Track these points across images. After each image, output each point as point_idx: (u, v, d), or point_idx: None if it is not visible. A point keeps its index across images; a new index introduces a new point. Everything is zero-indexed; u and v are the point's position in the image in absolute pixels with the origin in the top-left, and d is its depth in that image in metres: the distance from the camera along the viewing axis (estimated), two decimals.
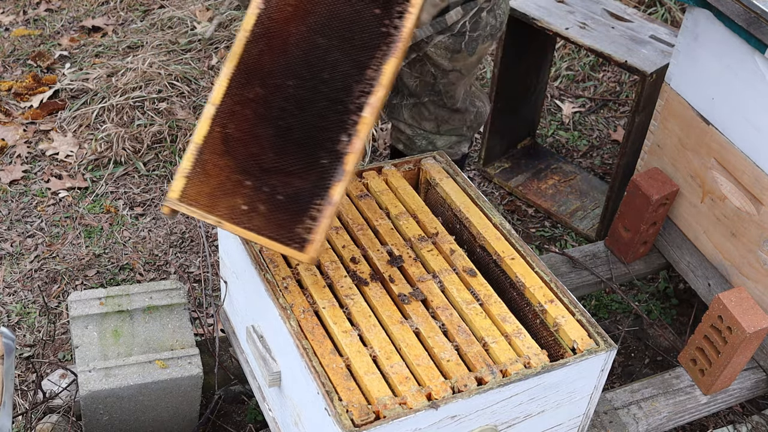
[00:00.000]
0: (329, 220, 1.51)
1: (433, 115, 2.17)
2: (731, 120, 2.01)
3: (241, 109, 1.60)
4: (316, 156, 1.54)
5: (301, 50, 1.59)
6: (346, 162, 1.52)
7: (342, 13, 1.57)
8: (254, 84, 1.60)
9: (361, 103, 1.53)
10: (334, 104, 1.55)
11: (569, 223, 2.86)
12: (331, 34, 1.57)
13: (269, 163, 1.58)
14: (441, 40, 1.97)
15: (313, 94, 1.57)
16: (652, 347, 2.48)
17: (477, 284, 1.67)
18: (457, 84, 2.11)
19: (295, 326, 1.54)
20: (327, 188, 1.52)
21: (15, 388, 2.22)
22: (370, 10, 1.55)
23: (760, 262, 2.02)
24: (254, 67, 1.60)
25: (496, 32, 2.05)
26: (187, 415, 1.95)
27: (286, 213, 1.56)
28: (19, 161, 2.98)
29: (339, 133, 1.53)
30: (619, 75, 3.57)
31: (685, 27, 2.08)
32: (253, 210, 1.58)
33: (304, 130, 1.57)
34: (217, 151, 1.60)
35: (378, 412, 1.41)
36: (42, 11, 3.78)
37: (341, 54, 1.57)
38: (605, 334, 1.59)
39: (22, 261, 2.62)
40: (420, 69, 2.07)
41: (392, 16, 1.54)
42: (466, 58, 2.03)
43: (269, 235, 1.56)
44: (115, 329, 1.92)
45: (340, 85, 1.55)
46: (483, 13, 1.98)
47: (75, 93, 3.27)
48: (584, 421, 1.72)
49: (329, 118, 1.55)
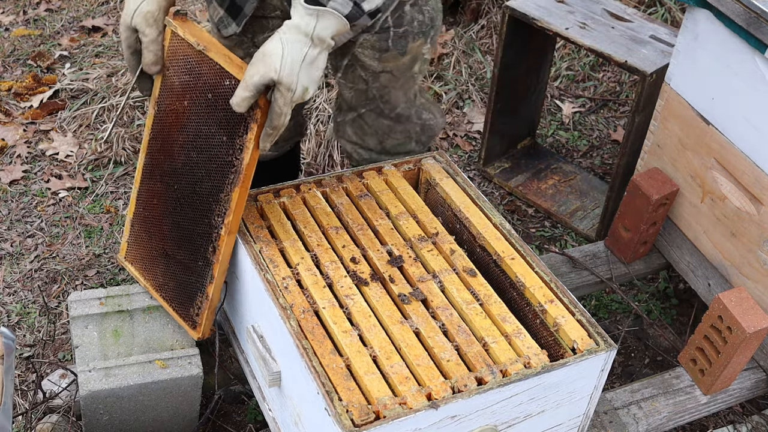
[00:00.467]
0: (209, 310, 1.80)
1: (373, 128, 2.00)
2: (731, 120, 2.01)
3: (151, 197, 1.82)
4: (196, 256, 1.76)
5: (181, 159, 1.73)
6: (214, 269, 1.74)
7: (204, 134, 1.68)
8: (156, 178, 1.80)
9: (219, 222, 1.69)
10: (203, 216, 1.73)
11: (569, 223, 2.86)
12: (200, 152, 1.70)
13: (170, 249, 1.81)
14: (366, 39, 1.81)
15: (191, 202, 1.74)
16: (652, 347, 2.48)
17: (477, 284, 1.67)
18: (390, 87, 1.93)
19: (295, 326, 1.54)
20: (204, 287, 1.77)
21: (15, 388, 2.22)
22: (220, 137, 1.64)
23: (760, 262, 2.02)
24: (155, 163, 1.79)
25: (427, 29, 1.88)
26: (187, 415, 1.95)
27: (183, 295, 1.83)
28: (19, 161, 2.98)
29: (207, 243, 1.73)
30: (619, 75, 3.57)
31: (685, 27, 2.08)
32: (165, 283, 1.86)
33: (188, 231, 1.76)
34: (143, 228, 1.86)
35: (378, 412, 1.41)
36: (42, 11, 3.78)
37: (205, 173, 1.70)
38: (605, 334, 1.59)
39: (22, 261, 2.62)
40: (352, 76, 1.91)
41: (235, 148, 1.62)
42: (397, 58, 1.87)
43: (176, 309, 1.86)
44: (115, 329, 1.92)
45: (205, 201, 1.71)
46: (406, 7, 1.82)
47: (75, 93, 3.27)
48: (584, 421, 1.72)
49: (202, 227, 1.73)
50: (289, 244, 1.71)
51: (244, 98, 1.51)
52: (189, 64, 1.66)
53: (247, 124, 1.59)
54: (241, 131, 1.60)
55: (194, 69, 1.65)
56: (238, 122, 1.60)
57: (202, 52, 1.62)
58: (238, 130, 1.61)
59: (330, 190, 1.86)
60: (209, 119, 1.65)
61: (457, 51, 3.58)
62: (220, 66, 1.60)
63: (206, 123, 1.66)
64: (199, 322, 1.82)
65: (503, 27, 2.70)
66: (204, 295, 1.78)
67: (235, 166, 1.63)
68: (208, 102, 1.65)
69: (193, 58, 1.65)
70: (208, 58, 1.62)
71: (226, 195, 1.66)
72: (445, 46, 3.62)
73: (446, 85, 3.43)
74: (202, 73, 1.64)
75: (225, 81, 1.60)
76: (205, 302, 1.78)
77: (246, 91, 1.50)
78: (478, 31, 3.72)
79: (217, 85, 1.62)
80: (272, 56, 1.49)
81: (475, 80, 3.46)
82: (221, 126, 1.63)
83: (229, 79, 1.59)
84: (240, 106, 1.52)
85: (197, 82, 1.66)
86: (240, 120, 1.60)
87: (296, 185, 1.86)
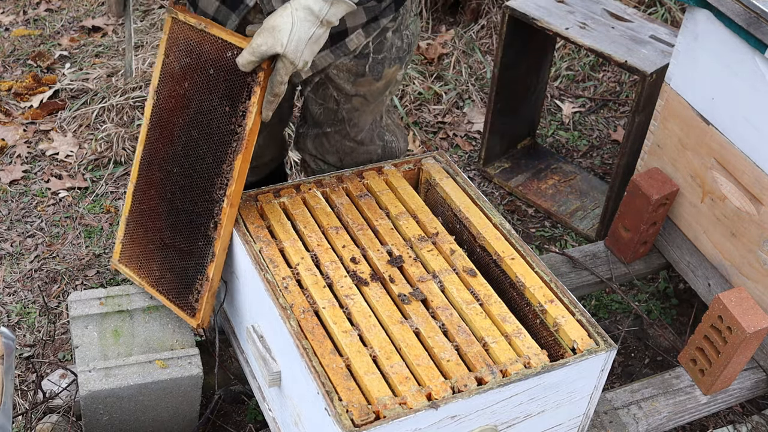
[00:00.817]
0: (209, 293, 1.80)
1: (335, 147, 2.00)
2: (731, 120, 2.01)
3: (148, 189, 1.85)
4: (195, 238, 1.78)
5: (182, 141, 1.78)
6: (215, 246, 1.75)
7: (206, 109, 1.74)
8: (154, 168, 1.83)
9: (221, 194, 1.74)
10: (203, 193, 1.76)
11: (569, 223, 2.86)
12: (201, 128, 1.75)
13: (167, 238, 1.84)
14: (343, 62, 1.81)
15: (191, 183, 1.78)
16: (652, 347, 2.48)
17: (477, 284, 1.67)
18: (361, 111, 1.93)
19: (295, 326, 1.54)
20: (205, 267, 1.78)
21: (15, 388, 2.22)
22: (222, 108, 1.72)
23: (760, 262, 2.02)
24: (154, 153, 1.83)
25: (404, 55, 1.88)
26: (187, 415, 1.95)
27: (181, 283, 1.84)
28: (19, 161, 2.98)
29: (208, 220, 1.76)
30: (619, 75, 3.57)
31: (685, 27, 2.08)
32: (162, 276, 1.87)
33: (187, 214, 1.80)
34: (138, 224, 1.89)
35: (378, 412, 1.41)
36: (42, 11, 3.78)
37: (207, 147, 1.75)
38: (605, 334, 1.59)
39: (22, 261, 2.62)
40: (323, 94, 1.90)
41: (237, 115, 1.70)
42: (372, 83, 1.86)
43: (172, 300, 1.86)
44: (115, 329, 1.92)
45: (206, 176, 1.76)
46: (388, 34, 1.81)
47: (75, 93, 3.27)
48: (584, 421, 1.72)
49: (201, 206, 1.77)
50: (289, 244, 1.71)
51: (250, 61, 1.60)
52: (189, 46, 1.73)
53: (250, 88, 1.66)
54: (244, 97, 1.68)
55: (195, 49, 1.72)
56: (241, 88, 1.68)
57: (203, 31, 1.69)
58: (240, 97, 1.68)
59: (330, 190, 1.86)
60: (211, 94, 1.72)
61: (457, 51, 3.58)
62: (221, 39, 1.68)
63: (208, 98, 1.73)
64: (199, 308, 1.82)
65: (503, 27, 2.70)
66: (204, 277, 1.79)
67: (238, 133, 1.70)
68: (210, 77, 1.71)
69: (194, 40, 1.72)
70: (209, 35, 1.69)
71: (228, 165, 1.72)
72: (445, 46, 3.62)
73: (446, 85, 3.43)
74: (203, 52, 1.71)
75: (227, 53, 1.67)
76: (206, 284, 1.79)
77: (252, 55, 1.59)
78: (478, 31, 3.72)
79: (219, 59, 1.69)
80: (281, 31, 1.55)
81: (475, 80, 3.46)
82: (223, 97, 1.71)
83: (231, 51, 1.67)
84: (245, 66, 1.61)
85: (198, 61, 1.72)
86: (243, 86, 1.67)
87: (296, 185, 1.86)
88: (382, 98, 1.95)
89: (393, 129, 2.07)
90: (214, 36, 1.68)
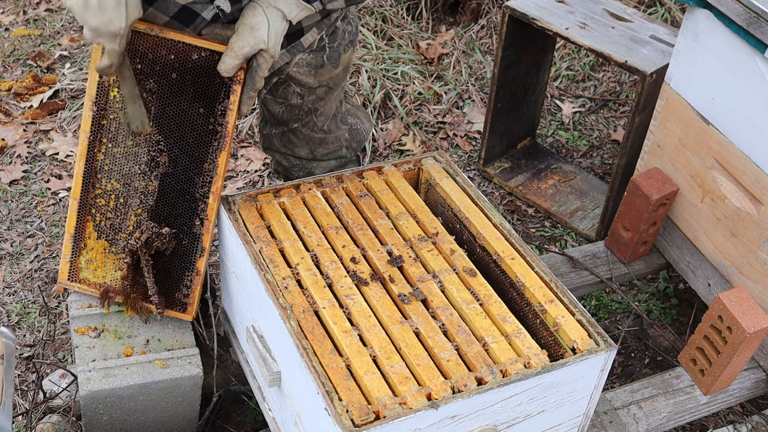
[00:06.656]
0: (199, 287, 1.84)
1: (304, 140, 2.05)
2: (731, 120, 2.01)
3: (101, 201, 1.83)
4: (178, 238, 1.81)
5: (145, 148, 1.77)
6: (204, 240, 1.80)
7: (171, 113, 1.74)
8: (104, 181, 1.81)
9: (204, 191, 1.77)
10: (183, 194, 1.78)
11: (569, 223, 2.86)
12: (167, 132, 1.75)
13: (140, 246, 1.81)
14: (302, 58, 1.88)
15: (162, 188, 1.78)
16: (652, 347, 2.48)
17: (477, 284, 1.67)
18: (326, 99, 1.99)
19: (295, 326, 1.54)
20: (194, 263, 1.82)
21: (15, 388, 2.23)
22: (195, 110, 1.73)
23: (760, 262, 2.02)
24: (102, 165, 1.80)
25: (354, 37, 1.97)
26: (187, 415, 1.95)
27: (164, 284, 1.85)
28: (19, 161, 2.98)
29: (193, 218, 1.79)
30: (619, 75, 3.57)
31: (685, 27, 2.08)
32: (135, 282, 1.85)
33: (162, 217, 1.80)
34: (91, 237, 1.85)
35: (378, 412, 1.41)
36: (42, 11, 3.78)
37: (179, 150, 1.76)
38: (605, 334, 1.59)
39: (22, 261, 2.62)
40: (284, 93, 1.95)
41: (215, 114, 1.72)
42: (331, 70, 1.94)
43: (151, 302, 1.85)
44: (115, 329, 1.93)
45: (183, 178, 1.77)
46: (338, 23, 1.90)
47: (75, 93, 3.27)
48: (584, 421, 1.72)
49: (181, 207, 1.79)
50: (289, 244, 1.71)
51: (234, 66, 1.66)
52: (140, 53, 1.69)
53: (228, 87, 1.70)
54: (222, 96, 1.71)
55: (147, 55, 1.69)
56: (218, 89, 1.70)
57: (158, 36, 1.68)
58: (218, 97, 1.71)
59: (330, 190, 1.86)
60: (177, 97, 1.72)
61: (457, 51, 3.59)
62: (183, 43, 1.68)
63: (172, 102, 1.72)
64: (191, 302, 1.86)
65: (503, 27, 2.70)
66: (195, 272, 1.83)
67: (219, 131, 1.73)
68: (172, 82, 1.71)
69: (145, 46, 1.69)
70: (166, 40, 1.68)
71: (210, 163, 1.75)
72: (445, 46, 3.62)
73: (446, 85, 3.43)
74: (159, 57, 1.69)
75: (192, 56, 1.69)
76: (196, 278, 1.83)
77: (236, 59, 1.65)
78: (478, 31, 3.72)
79: (182, 62, 1.69)
80: (260, 29, 1.64)
81: (475, 80, 3.46)
82: (194, 99, 1.71)
83: (196, 53, 1.68)
84: (229, 72, 1.66)
85: (152, 67, 1.70)
86: (220, 86, 1.70)
87: (296, 185, 1.86)
88: (343, 84, 2.03)
89: (354, 111, 2.15)
90: (173, 41, 1.68)
